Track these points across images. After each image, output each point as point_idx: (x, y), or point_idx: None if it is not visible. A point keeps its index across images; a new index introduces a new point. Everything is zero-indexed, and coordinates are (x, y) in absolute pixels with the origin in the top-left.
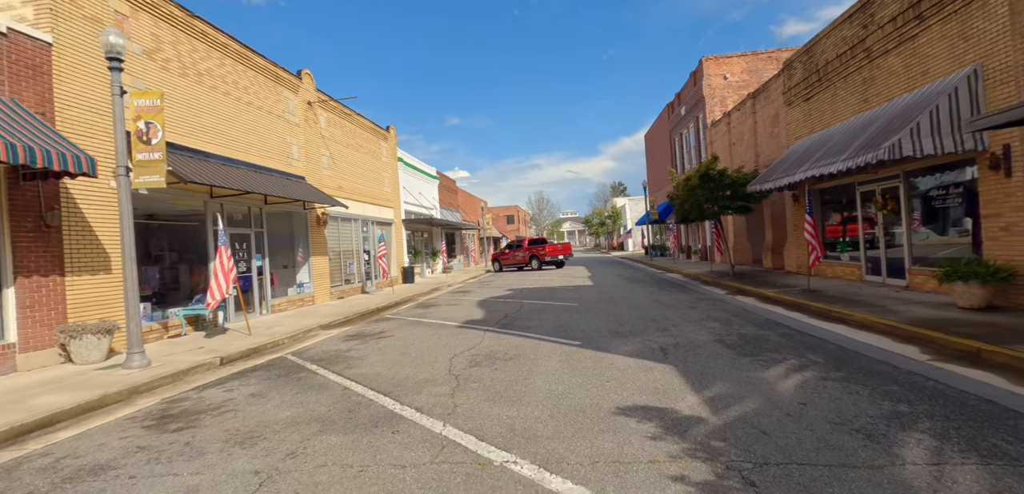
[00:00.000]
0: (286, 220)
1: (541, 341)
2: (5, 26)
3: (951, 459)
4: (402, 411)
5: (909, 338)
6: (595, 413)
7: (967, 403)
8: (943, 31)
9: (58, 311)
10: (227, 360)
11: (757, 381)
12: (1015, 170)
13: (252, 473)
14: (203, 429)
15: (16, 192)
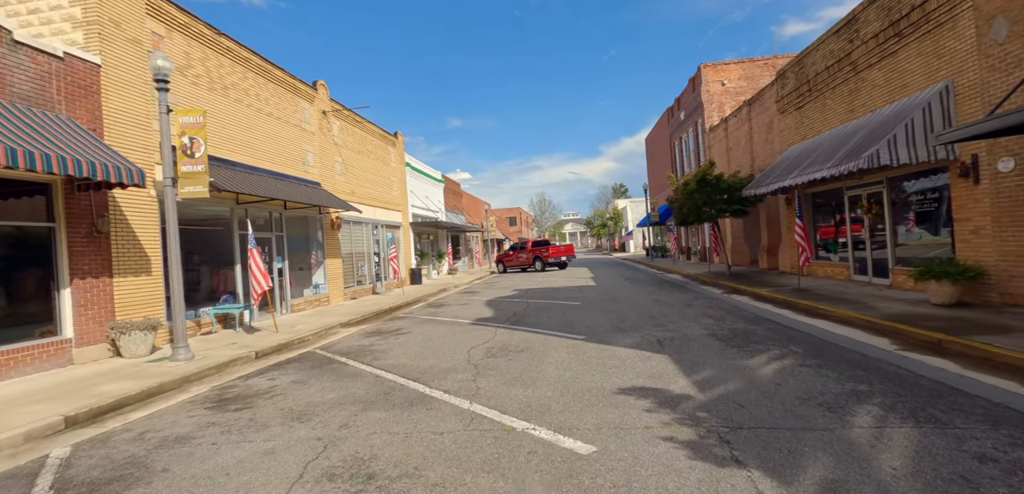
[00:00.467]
0: (302, 224)
1: (549, 336)
2: (62, 51)
3: (891, 424)
4: (432, 393)
5: (883, 331)
6: (599, 393)
7: (919, 384)
8: (920, 48)
9: (107, 309)
10: (261, 354)
11: (741, 367)
12: (983, 178)
13: (315, 439)
14: (260, 409)
15: (72, 201)
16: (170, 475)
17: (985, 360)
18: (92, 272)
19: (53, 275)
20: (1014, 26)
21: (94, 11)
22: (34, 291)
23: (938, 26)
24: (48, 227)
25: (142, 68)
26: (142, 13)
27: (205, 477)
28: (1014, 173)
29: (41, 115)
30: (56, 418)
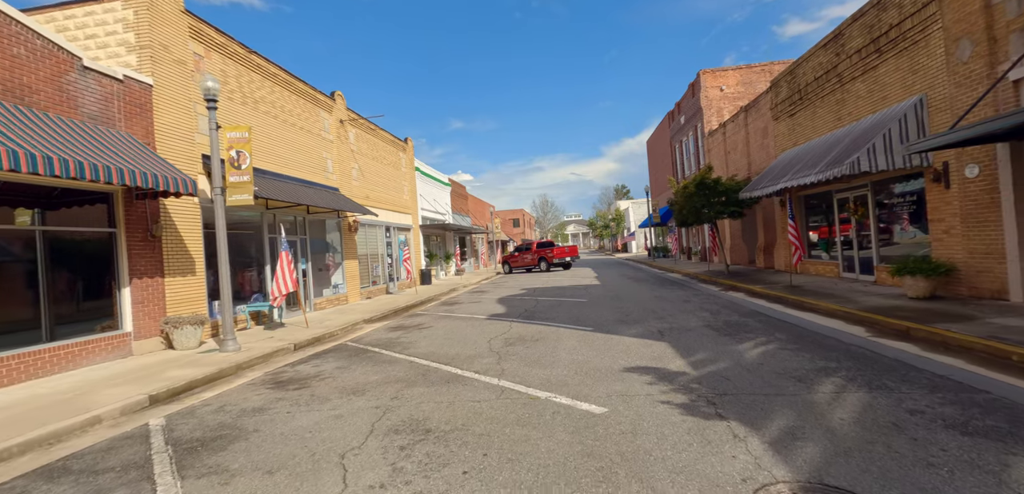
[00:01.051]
0: (321, 227)
1: (560, 328)
2: (122, 74)
3: (849, 390)
4: (463, 374)
5: (860, 322)
6: (608, 371)
7: (880, 362)
8: (897, 64)
9: (159, 306)
10: (298, 346)
11: (731, 351)
12: (952, 183)
13: (373, 408)
14: (316, 387)
15: (130, 209)
16: (261, 434)
17: (941, 343)
18: (147, 273)
19: (114, 275)
20: (976, 47)
21: (146, 36)
22: (97, 290)
23: (913, 44)
24: (109, 232)
25: (185, 86)
26: (186, 36)
27: (292, 434)
28: (979, 179)
29: (105, 132)
30: (142, 397)
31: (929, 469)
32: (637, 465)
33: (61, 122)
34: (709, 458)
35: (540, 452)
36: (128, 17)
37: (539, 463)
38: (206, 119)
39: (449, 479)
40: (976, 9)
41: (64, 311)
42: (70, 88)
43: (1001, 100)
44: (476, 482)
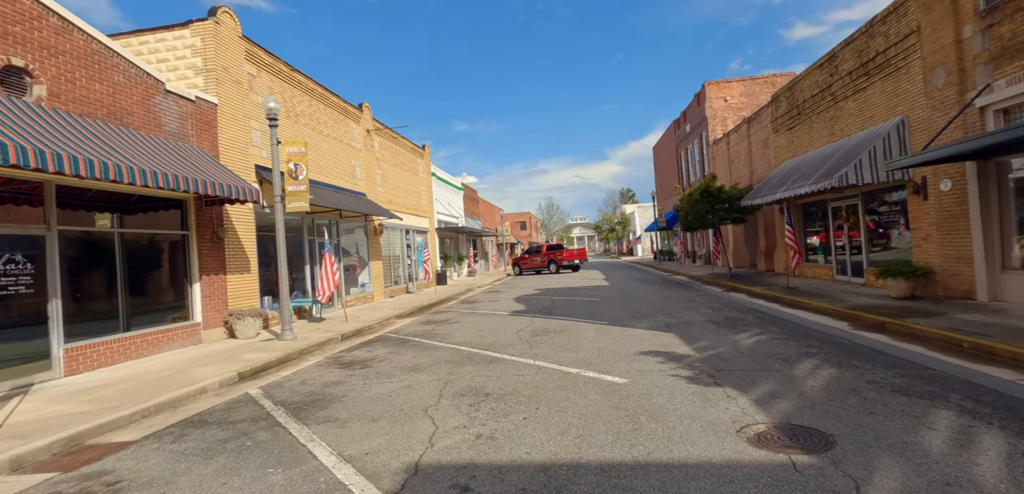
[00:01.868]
0: (350, 230)
1: (578, 322)
2: (194, 95)
3: (822, 368)
4: (502, 357)
5: (845, 318)
6: (625, 354)
7: (854, 348)
8: (883, 86)
9: (222, 300)
10: (345, 337)
11: (729, 340)
12: (930, 195)
13: (435, 380)
14: (378, 367)
15: (200, 214)
16: (350, 398)
17: (910, 335)
18: (213, 270)
19: (186, 272)
20: (949, 76)
21: (212, 60)
22: (166, 285)
23: (896, 70)
24: (182, 234)
25: (242, 103)
26: (242, 58)
27: (376, 398)
28: (952, 192)
29: (182, 146)
30: (232, 374)
31: (870, 415)
32: (654, 413)
33: (149, 139)
34: (708, 409)
35: (579, 407)
36: (196, 43)
37: (579, 413)
38: (258, 133)
39: (514, 422)
40: (949, 43)
41: (137, 304)
42: (155, 109)
43: (970, 124)
44: (535, 424)
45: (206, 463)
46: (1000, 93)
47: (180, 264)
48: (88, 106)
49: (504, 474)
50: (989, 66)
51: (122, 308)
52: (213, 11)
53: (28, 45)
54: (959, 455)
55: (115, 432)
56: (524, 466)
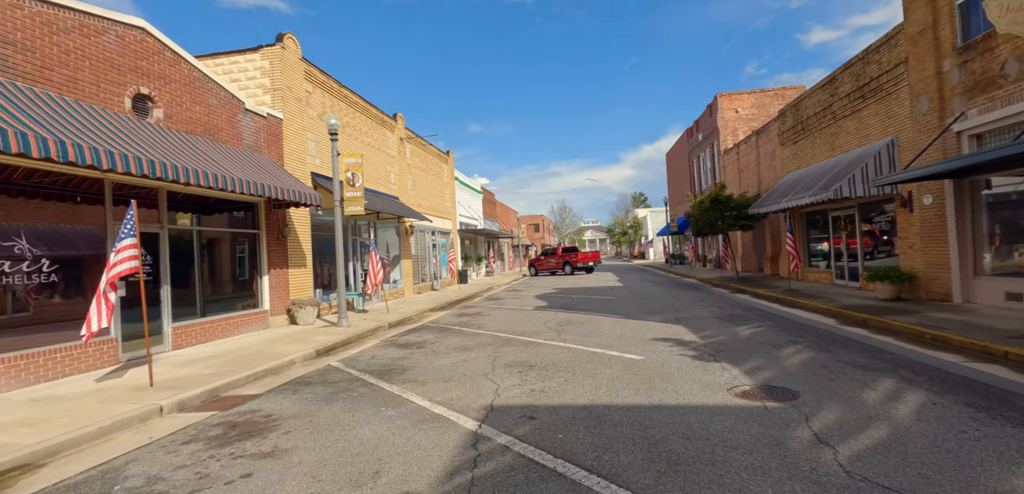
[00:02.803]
0: (385, 230)
1: (597, 316)
2: (266, 112)
3: (804, 351)
4: (537, 341)
5: (834, 315)
6: (640, 340)
7: (835, 339)
8: (876, 109)
9: (285, 291)
10: (392, 325)
11: (730, 331)
12: (914, 208)
13: (485, 356)
14: (432, 347)
15: (269, 216)
16: (419, 369)
17: (885, 329)
18: (278, 265)
19: (257, 266)
20: (931, 103)
21: (278, 80)
22: (239, 277)
23: (888, 95)
24: (253, 233)
25: (301, 118)
26: (302, 77)
27: (440, 368)
28: (932, 206)
29: (257, 156)
30: (310, 351)
31: (830, 381)
32: (664, 377)
33: (234, 151)
34: (706, 376)
35: (606, 373)
36: (265, 66)
37: (607, 377)
38: (313, 143)
39: (557, 383)
40: (931, 74)
41: (210, 293)
42: (237, 125)
43: (948, 146)
44: (573, 383)
45: (329, 405)
46: (973, 120)
47: (248, 259)
48: (191, 125)
49: (557, 411)
50: (964, 96)
51: (198, 296)
52: (280, 37)
53: (150, 76)
54: (885, 404)
55: (241, 388)
56: (570, 407)
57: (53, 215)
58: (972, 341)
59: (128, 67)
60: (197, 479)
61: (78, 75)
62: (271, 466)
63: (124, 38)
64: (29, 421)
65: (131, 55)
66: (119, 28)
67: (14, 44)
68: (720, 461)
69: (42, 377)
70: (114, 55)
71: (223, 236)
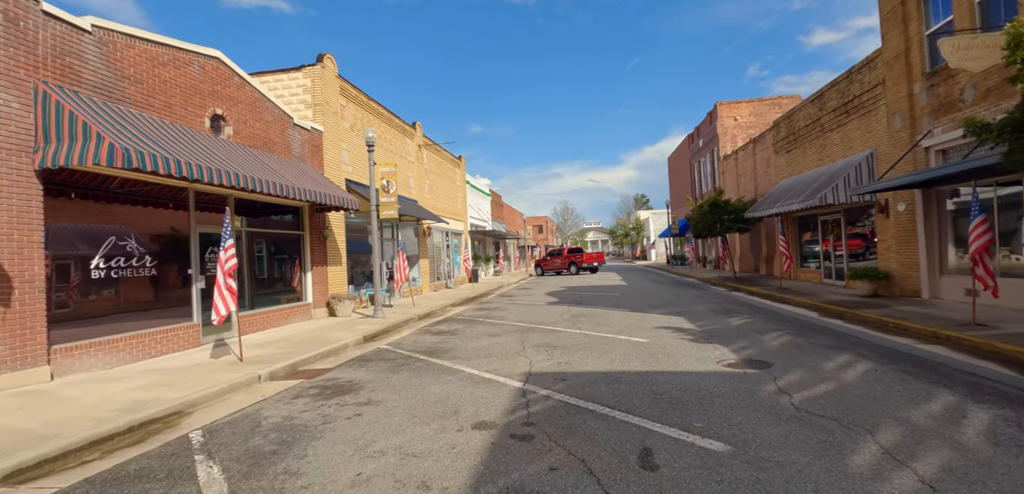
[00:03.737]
0: (402, 231)
1: (606, 309)
2: (309, 125)
3: (784, 336)
4: (555, 328)
5: (816, 309)
6: (645, 328)
7: (813, 328)
8: (859, 124)
9: (325, 286)
10: (420, 317)
11: (723, 322)
12: (890, 214)
13: (513, 340)
14: (464, 334)
15: (312, 219)
16: (458, 349)
17: (858, 319)
18: (319, 263)
19: (301, 264)
20: (904, 121)
21: (319, 96)
22: (282, 273)
23: (868, 112)
24: (298, 234)
25: (337, 129)
26: (338, 93)
27: (478, 348)
28: (905, 213)
29: (302, 166)
30: (358, 337)
31: (800, 355)
32: (666, 354)
33: (285, 161)
34: (700, 352)
35: (618, 351)
36: (307, 83)
37: (619, 353)
38: (347, 152)
39: (579, 358)
40: (904, 95)
41: (254, 289)
42: (287, 138)
43: (918, 160)
44: (593, 358)
45: (395, 374)
46: (938, 138)
47: (291, 257)
48: (252, 139)
49: (581, 375)
50: (931, 116)
51: (247, 290)
52: (320, 57)
53: (223, 99)
54: (838, 370)
55: (313, 364)
56: (592, 373)
57: (141, 219)
58: (925, 328)
59: (207, 92)
60: (322, 418)
61: (171, 101)
62: (372, 410)
63: (204, 67)
64: (163, 383)
65: (209, 81)
66: (201, 59)
67: (129, 78)
68: (706, 402)
69: (148, 354)
70: (197, 82)
71: (266, 236)
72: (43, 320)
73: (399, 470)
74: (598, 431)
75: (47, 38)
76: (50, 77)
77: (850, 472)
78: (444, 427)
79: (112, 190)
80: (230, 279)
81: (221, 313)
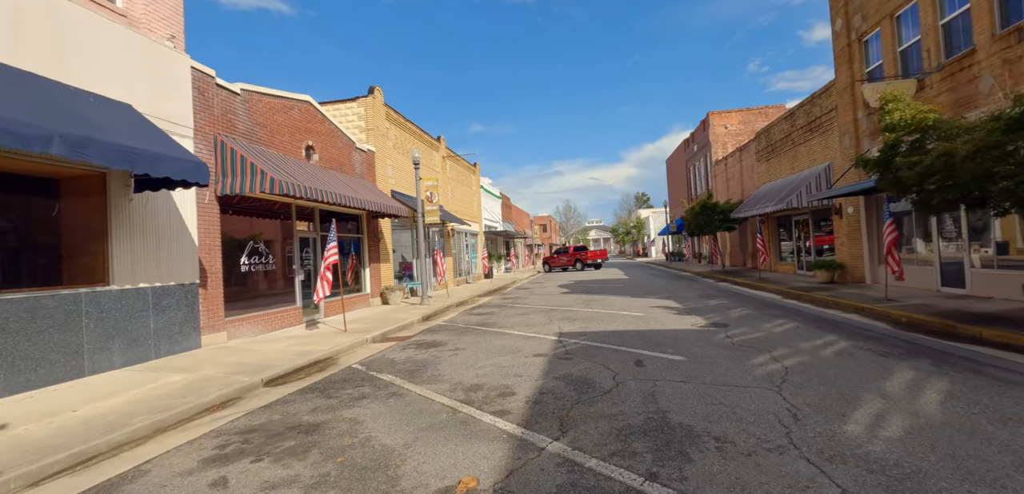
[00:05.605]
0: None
1: (611, 296)
2: (366, 147)
3: (746, 309)
4: (571, 309)
5: (781, 293)
6: (642, 307)
7: (771, 304)
8: (820, 140)
9: (379, 279)
10: (457, 305)
11: (703, 302)
12: (843, 216)
13: (542, 317)
14: (500, 314)
15: (369, 224)
16: (500, 322)
17: (808, 299)
18: (374, 260)
19: (361, 261)
20: (851, 140)
21: (370, 122)
22: (351, 269)
23: (826, 130)
24: (357, 237)
25: (383, 149)
26: (384, 118)
27: (515, 322)
28: (853, 214)
29: (362, 181)
30: (418, 318)
31: (751, 321)
32: (656, 321)
33: (351, 179)
34: (680, 319)
35: (621, 321)
36: (360, 112)
37: (622, 322)
38: (390, 168)
39: (594, 326)
40: (850, 119)
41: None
42: (352, 159)
43: (861, 174)
44: (604, 325)
45: (464, 337)
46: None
47: (348, 256)
48: (330, 162)
49: (597, 333)
50: (870, 137)
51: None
52: (371, 90)
53: (311, 132)
54: (772, 327)
55: (397, 333)
56: (604, 332)
57: (262, 227)
58: (852, 303)
59: (302, 128)
60: (432, 357)
61: (282, 137)
62: (462, 352)
63: (301, 109)
64: (305, 343)
65: (304, 119)
66: (299, 104)
67: (259, 124)
68: (677, 342)
69: (272, 327)
70: (296, 121)
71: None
72: (222, 300)
73: (499, 372)
74: (610, 354)
75: (218, 102)
76: (220, 130)
77: (745, 366)
78: (515, 356)
79: (246, 207)
80: (328, 272)
81: (320, 295)
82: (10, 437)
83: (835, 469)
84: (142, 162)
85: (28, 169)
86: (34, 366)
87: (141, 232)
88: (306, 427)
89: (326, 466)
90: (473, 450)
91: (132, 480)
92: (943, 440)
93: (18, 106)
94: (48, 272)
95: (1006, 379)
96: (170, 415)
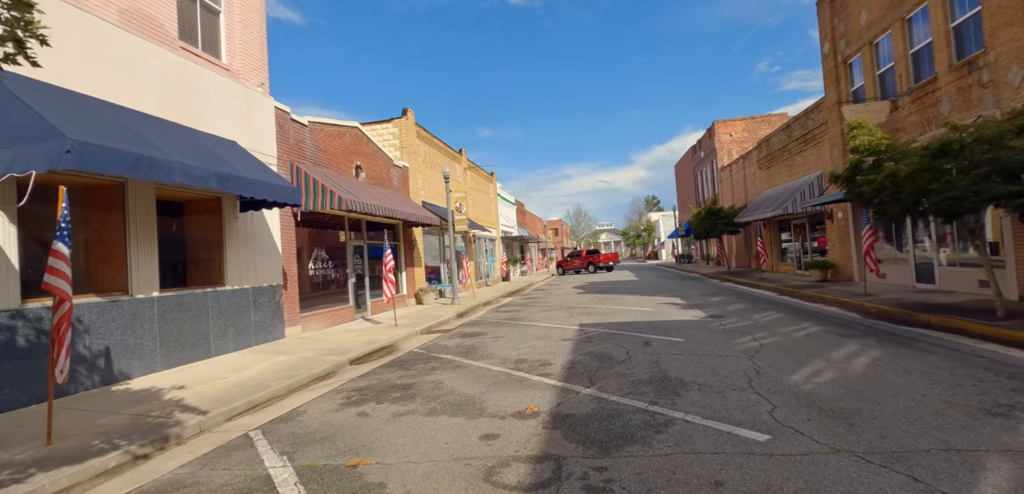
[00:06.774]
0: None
1: (624, 295)
2: (402, 164)
3: (742, 304)
4: (589, 306)
5: (777, 290)
6: (651, 304)
7: (765, 300)
8: (813, 151)
9: (413, 282)
10: (483, 304)
11: (706, 298)
12: (835, 220)
13: (563, 313)
14: (526, 311)
15: (405, 232)
16: (526, 319)
17: (799, 295)
18: (409, 265)
19: (398, 265)
20: (838, 152)
21: (404, 141)
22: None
23: (818, 142)
24: (394, 244)
25: (414, 164)
26: (415, 136)
27: (539, 316)
28: (843, 218)
29: (398, 194)
30: (453, 315)
31: (744, 313)
32: (663, 313)
33: (389, 192)
34: (683, 312)
35: (632, 314)
36: (395, 132)
37: (633, 315)
38: (420, 180)
39: (609, 319)
40: (838, 133)
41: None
42: (390, 175)
43: None
44: (618, 318)
45: (499, 328)
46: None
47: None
48: (374, 179)
49: (613, 324)
50: None
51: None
52: (405, 111)
53: (359, 154)
54: (760, 317)
55: (439, 327)
56: (618, 322)
57: (321, 236)
58: (836, 298)
59: (353, 151)
60: (478, 342)
61: (338, 160)
62: (502, 338)
63: (352, 134)
64: (367, 334)
65: (354, 143)
66: (350, 130)
67: (322, 149)
68: (679, 329)
69: (333, 323)
70: (348, 145)
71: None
72: (298, 299)
73: (536, 351)
74: (623, 337)
75: (292, 133)
76: (294, 157)
77: (731, 344)
78: (546, 340)
79: (307, 220)
80: (390, 275)
81: (388, 295)
82: (193, 393)
83: (774, 397)
84: (261, 190)
85: (167, 196)
86: (181, 347)
87: (244, 243)
88: (403, 386)
89: (431, 404)
90: (530, 394)
91: (300, 414)
92: (854, 382)
93: (182, 152)
94: (186, 275)
95: (927, 349)
96: (296, 380)
